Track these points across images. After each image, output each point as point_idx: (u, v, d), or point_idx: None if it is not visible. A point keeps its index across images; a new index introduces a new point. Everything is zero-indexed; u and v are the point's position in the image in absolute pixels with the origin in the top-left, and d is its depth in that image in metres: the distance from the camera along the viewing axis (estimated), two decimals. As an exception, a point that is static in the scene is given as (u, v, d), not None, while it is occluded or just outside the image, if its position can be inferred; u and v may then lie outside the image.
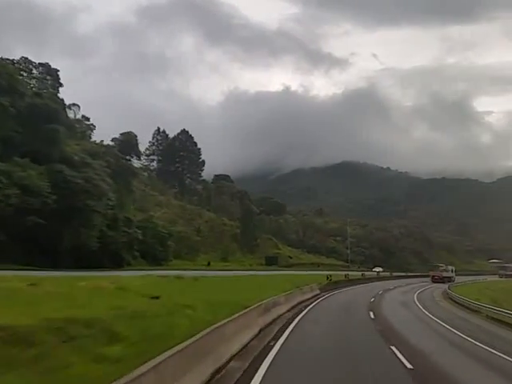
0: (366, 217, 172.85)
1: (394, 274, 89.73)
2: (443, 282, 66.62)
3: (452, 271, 79.51)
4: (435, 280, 72.38)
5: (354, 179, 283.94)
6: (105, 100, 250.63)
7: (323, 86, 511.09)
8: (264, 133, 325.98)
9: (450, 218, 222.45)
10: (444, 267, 79.58)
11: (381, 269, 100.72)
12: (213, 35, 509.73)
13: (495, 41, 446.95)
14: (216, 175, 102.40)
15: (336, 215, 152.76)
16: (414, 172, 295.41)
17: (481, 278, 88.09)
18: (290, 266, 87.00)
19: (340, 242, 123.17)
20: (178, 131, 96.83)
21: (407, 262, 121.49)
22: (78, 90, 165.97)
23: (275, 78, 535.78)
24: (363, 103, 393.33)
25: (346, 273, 64.07)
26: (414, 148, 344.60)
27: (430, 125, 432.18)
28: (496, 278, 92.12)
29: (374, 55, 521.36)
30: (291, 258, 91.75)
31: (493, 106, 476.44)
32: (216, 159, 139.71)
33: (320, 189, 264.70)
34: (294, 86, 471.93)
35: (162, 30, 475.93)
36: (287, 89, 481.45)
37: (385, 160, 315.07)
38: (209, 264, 63.48)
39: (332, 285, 44.77)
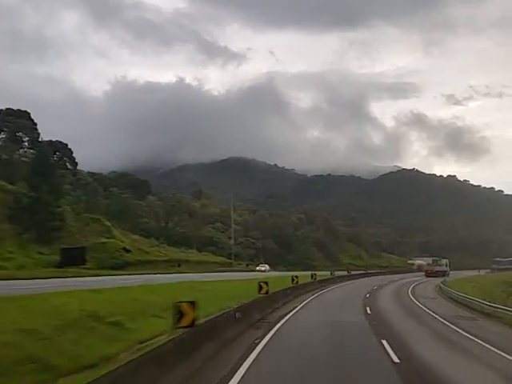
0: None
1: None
2: (436, 276, 61.21)
3: (446, 265, 73.22)
4: (428, 274, 67.01)
5: (242, 176, 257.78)
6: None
7: (219, 80, 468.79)
8: (154, 126, 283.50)
9: (337, 214, 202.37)
10: (438, 261, 73.87)
11: (267, 267, 63.16)
12: (99, 15, 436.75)
13: (380, 47, 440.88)
14: (3, 109, 53.77)
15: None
16: (301, 169, 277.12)
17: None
18: (120, 267, 43.01)
19: (222, 230, 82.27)
20: None
21: (310, 257, 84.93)
22: None
23: (168, 69, 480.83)
24: (258, 100, 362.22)
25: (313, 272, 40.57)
26: (304, 146, 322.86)
27: (322, 125, 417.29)
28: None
29: (272, 52, 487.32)
30: (128, 251, 47.91)
31: (384, 110, 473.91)
32: (101, 152, 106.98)
33: (206, 185, 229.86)
34: (188, 79, 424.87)
35: (40, 6, 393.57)
36: (181, 81, 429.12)
37: (273, 157, 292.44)
38: None
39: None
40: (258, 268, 60.12)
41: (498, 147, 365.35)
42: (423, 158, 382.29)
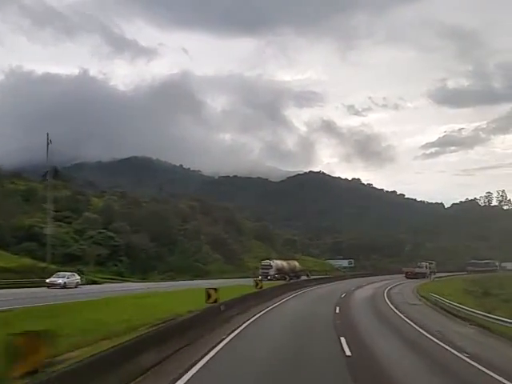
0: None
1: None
2: (417, 278, 59.95)
3: (426, 267, 71.22)
4: (408, 276, 64.75)
5: (143, 176, 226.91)
6: None
7: (127, 75, 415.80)
8: (53, 121, 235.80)
9: (243, 216, 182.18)
10: (418, 263, 72.67)
11: (76, 277, 32.32)
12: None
13: (288, 55, 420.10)
14: None
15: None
16: (208, 171, 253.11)
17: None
18: None
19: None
20: None
21: (202, 259, 57.18)
22: None
23: (70, 60, 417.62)
24: (169, 98, 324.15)
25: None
26: (215, 148, 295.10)
27: (234, 128, 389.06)
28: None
29: (185, 50, 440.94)
30: None
31: (296, 116, 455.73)
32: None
33: (103, 184, 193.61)
34: (93, 72, 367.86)
35: None
36: (84, 73, 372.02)
37: (180, 158, 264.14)
38: None
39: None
40: (49, 280, 30.70)
41: (397, 156, 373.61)
42: (332, 163, 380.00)
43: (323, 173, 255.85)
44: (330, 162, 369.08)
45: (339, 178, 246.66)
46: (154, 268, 50.03)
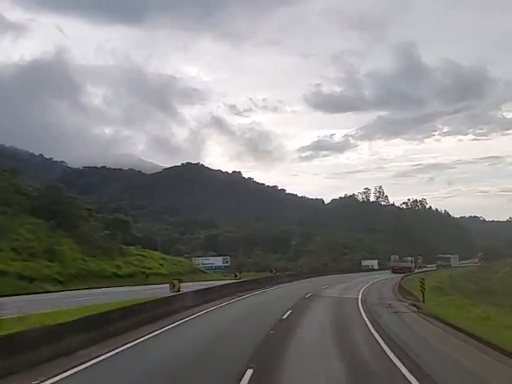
0: None
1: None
2: (403, 272, 59.00)
3: (411, 262, 73.30)
4: (395, 270, 65.13)
5: None
6: None
7: None
8: None
9: (109, 209, 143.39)
10: (404, 258, 72.88)
11: None
12: None
13: (168, 50, 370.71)
14: None
15: None
16: (74, 162, 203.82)
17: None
18: None
19: None
20: None
21: None
22: None
23: None
24: (38, 81, 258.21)
25: None
26: (87, 138, 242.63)
27: (115, 119, 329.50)
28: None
29: (59, 28, 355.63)
30: None
31: (183, 111, 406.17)
32: None
33: None
34: None
35: None
36: None
37: (42, 147, 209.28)
38: None
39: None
40: None
41: (278, 157, 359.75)
42: (219, 159, 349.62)
43: (202, 165, 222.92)
44: (217, 157, 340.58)
45: (219, 170, 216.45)
46: None
